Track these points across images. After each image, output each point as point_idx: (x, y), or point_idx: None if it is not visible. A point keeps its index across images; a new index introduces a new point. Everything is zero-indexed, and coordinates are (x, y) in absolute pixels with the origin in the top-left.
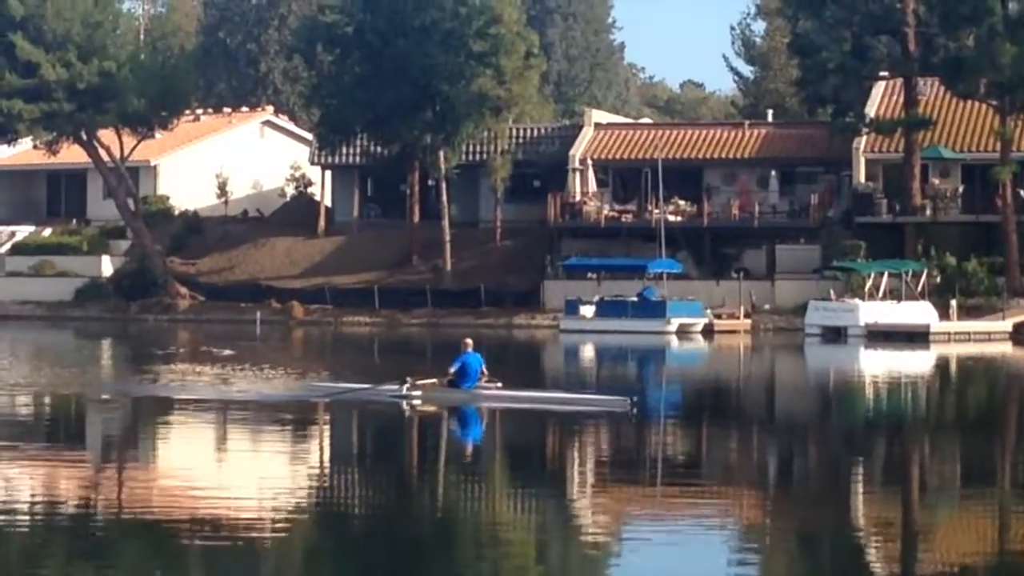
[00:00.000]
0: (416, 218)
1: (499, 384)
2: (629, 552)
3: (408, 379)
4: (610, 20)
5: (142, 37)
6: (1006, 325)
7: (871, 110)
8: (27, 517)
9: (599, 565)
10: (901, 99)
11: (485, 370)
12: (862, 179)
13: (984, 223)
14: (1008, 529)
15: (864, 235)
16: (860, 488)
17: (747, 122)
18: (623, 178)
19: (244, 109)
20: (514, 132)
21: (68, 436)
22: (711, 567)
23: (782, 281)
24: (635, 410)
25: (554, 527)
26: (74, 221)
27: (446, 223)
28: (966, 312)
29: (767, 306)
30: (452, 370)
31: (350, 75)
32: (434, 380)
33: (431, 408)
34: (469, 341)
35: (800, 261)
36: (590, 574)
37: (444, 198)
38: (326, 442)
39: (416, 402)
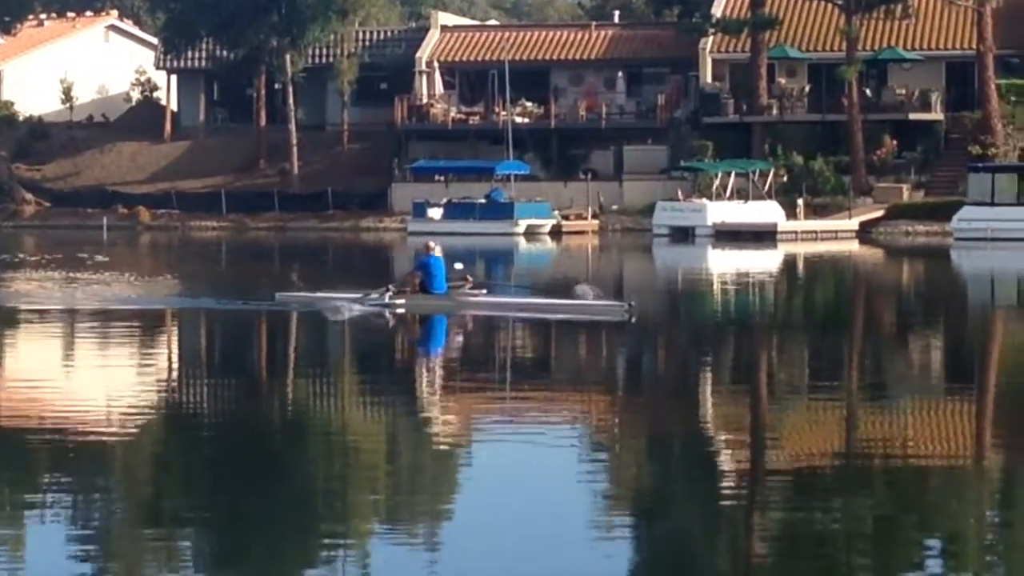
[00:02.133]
0: (263, 122)
1: (484, 291)
2: (478, 454)
3: (390, 286)
4: None
5: None
6: (852, 223)
7: (717, 10)
8: None
9: (447, 466)
10: None
11: (470, 277)
12: (709, 79)
13: (830, 122)
14: (855, 427)
15: (711, 135)
16: (708, 388)
17: (594, 23)
18: (470, 80)
19: (88, 13)
20: (360, 35)
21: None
22: (560, 467)
23: (630, 182)
24: (633, 318)
25: (403, 429)
26: None
27: (293, 127)
28: (813, 211)
29: (615, 207)
30: (411, 270)
31: None
32: (407, 288)
33: (411, 315)
34: (432, 244)
35: (647, 162)
36: (439, 475)
37: (291, 101)
38: (181, 349)
39: (400, 310)
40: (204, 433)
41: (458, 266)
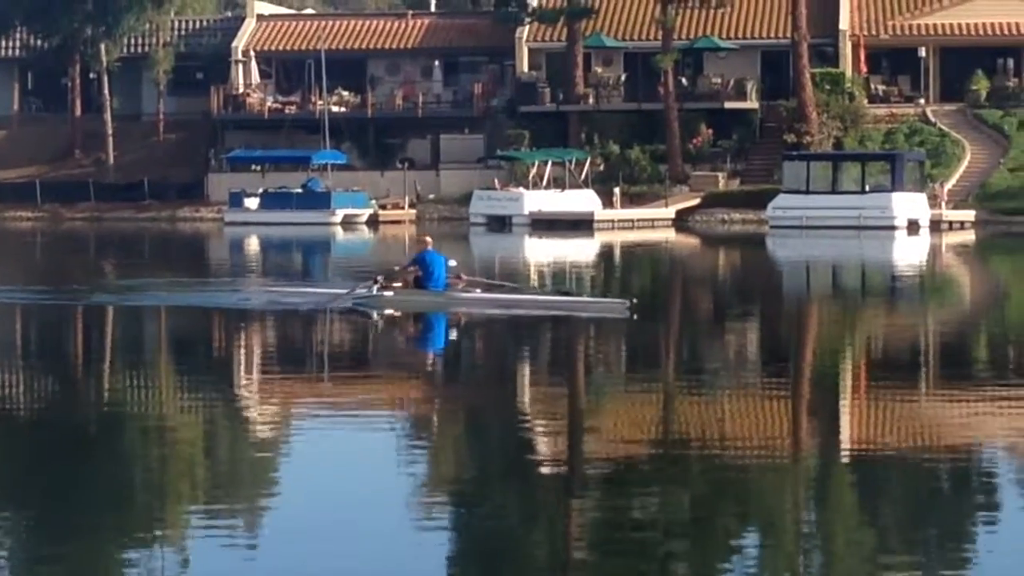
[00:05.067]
0: (78, 111)
1: (478, 290)
2: (297, 443)
3: (378, 279)
4: None
5: None
6: (669, 212)
7: (533, 0)
8: None
9: (267, 456)
10: None
11: (463, 275)
12: (525, 68)
13: (646, 111)
14: (671, 413)
15: (528, 124)
16: (527, 376)
17: (410, 12)
18: (286, 69)
19: None
20: (176, 24)
21: None
22: (380, 455)
23: (446, 171)
24: (635, 315)
25: (222, 418)
26: None
27: (108, 116)
28: (629, 200)
29: (432, 196)
30: (408, 267)
31: None
32: (399, 283)
33: (398, 313)
34: (428, 239)
35: (464, 151)
36: (258, 465)
37: (106, 91)
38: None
39: (388, 308)
40: (11, 425)
41: (451, 263)
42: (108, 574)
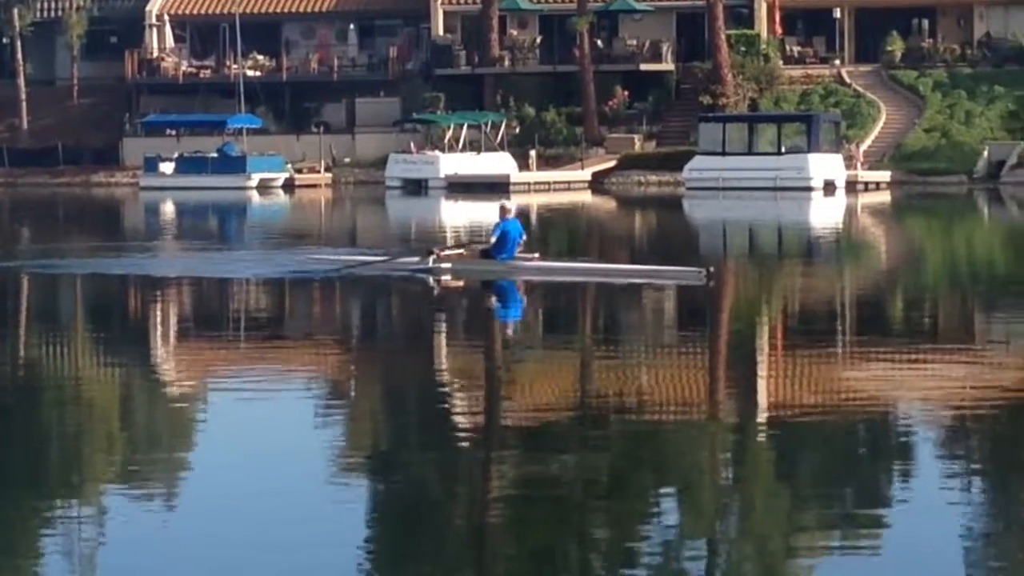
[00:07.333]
0: None
1: (536, 255)
2: (215, 408)
3: (434, 250)
4: None
5: None
6: (585, 174)
7: None
8: None
9: (183, 420)
10: None
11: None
12: (441, 31)
13: (562, 73)
14: (589, 378)
15: (443, 87)
16: (444, 341)
17: None
18: (201, 34)
19: None
20: None
21: None
22: (296, 420)
23: (362, 134)
24: (711, 282)
25: (137, 383)
26: None
27: (21, 81)
28: (545, 162)
29: (347, 159)
30: (493, 239)
31: None
32: (461, 251)
33: (459, 283)
34: (510, 207)
35: (380, 114)
36: (175, 430)
37: (19, 56)
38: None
39: (445, 276)
40: None
41: None
42: (25, 541)
